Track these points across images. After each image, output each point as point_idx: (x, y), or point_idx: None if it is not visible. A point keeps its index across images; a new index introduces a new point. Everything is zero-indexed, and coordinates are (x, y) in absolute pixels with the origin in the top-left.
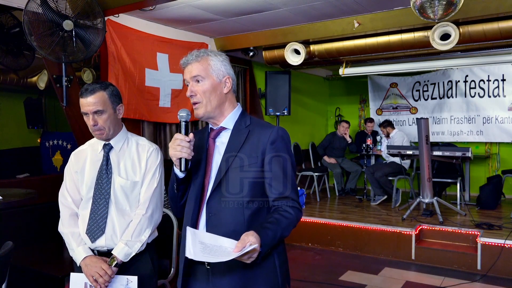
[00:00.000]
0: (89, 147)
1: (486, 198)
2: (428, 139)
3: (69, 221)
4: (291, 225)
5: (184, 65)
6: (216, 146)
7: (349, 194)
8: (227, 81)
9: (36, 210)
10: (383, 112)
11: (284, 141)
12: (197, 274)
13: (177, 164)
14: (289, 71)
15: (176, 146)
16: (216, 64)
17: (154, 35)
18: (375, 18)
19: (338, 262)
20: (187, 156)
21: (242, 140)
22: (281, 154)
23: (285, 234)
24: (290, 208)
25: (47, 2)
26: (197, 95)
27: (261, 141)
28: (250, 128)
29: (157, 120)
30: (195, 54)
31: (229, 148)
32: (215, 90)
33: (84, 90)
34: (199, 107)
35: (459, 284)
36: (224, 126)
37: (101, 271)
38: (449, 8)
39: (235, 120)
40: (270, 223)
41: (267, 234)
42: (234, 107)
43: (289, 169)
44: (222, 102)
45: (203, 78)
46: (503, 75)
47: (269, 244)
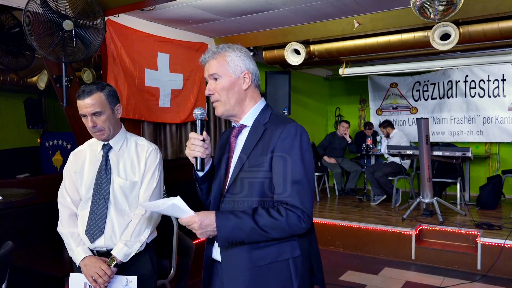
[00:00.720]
0: (88, 147)
1: (486, 198)
2: (428, 139)
3: (68, 222)
4: (276, 227)
5: (202, 62)
6: (236, 144)
7: (349, 194)
8: (246, 77)
9: (36, 210)
10: (383, 112)
11: (296, 139)
12: (219, 271)
13: (194, 163)
14: (289, 71)
15: (190, 145)
16: (233, 60)
17: (154, 35)
18: (375, 18)
19: (338, 262)
20: (200, 155)
21: (256, 138)
22: (289, 153)
23: (268, 234)
24: (283, 209)
25: (47, 2)
26: (215, 94)
27: (273, 138)
28: (267, 126)
29: (157, 120)
30: (212, 50)
31: (244, 147)
32: (233, 87)
33: (81, 92)
34: (218, 106)
35: (459, 284)
36: (244, 123)
37: (101, 272)
38: (449, 8)
39: (255, 116)
40: (242, 212)
41: (228, 218)
42: (255, 102)
43: (297, 171)
44: (242, 99)
45: (220, 76)
46: (503, 75)
47: (229, 230)
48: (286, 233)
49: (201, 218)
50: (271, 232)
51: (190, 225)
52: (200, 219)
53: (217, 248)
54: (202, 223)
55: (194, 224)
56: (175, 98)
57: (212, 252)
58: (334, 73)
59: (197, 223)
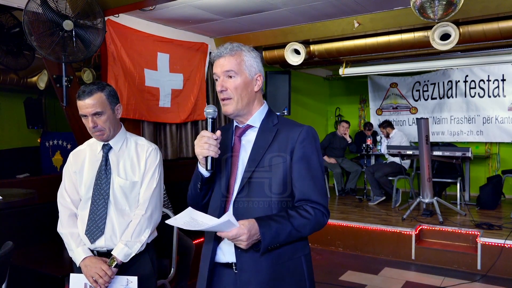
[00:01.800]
0: (87, 147)
1: (486, 198)
2: (428, 139)
3: (68, 222)
4: (308, 225)
5: (215, 58)
6: (242, 144)
7: (349, 194)
8: (259, 79)
9: (36, 210)
10: (383, 112)
11: (313, 141)
12: (223, 279)
13: (203, 162)
14: (289, 71)
15: (203, 144)
16: (249, 60)
17: (154, 35)
18: (375, 18)
19: (338, 262)
20: (214, 154)
21: (270, 138)
22: (310, 154)
23: (300, 233)
24: (310, 208)
25: (47, 2)
26: (227, 91)
27: (290, 139)
28: (278, 127)
29: (157, 120)
30: (229, 47)
31: (256, 146)
32: (246, 87)
33: (82, 92)
34: (229, 104)
35: (459, 284)
36: (251, 124)
37: (101, 272)
38: (449, 8)
39: (262, 118)
40: (279, 216)
41: (270, 225)
42: (261, 105)
43: (317, 171)
44: (252, 100)
45: (236, 74)
46: (503, 75)
47: (272, 236)
48: (314, 229)
49: (249, 229)
50: (303, 231)
51: (237, 238)
52: (248, 230)
53: (226, 250)
54: (251, 234)
55: (243, 236)
56: (175, 98)
57: (217, 255)
58: (334, 73)
59: (246, 234)
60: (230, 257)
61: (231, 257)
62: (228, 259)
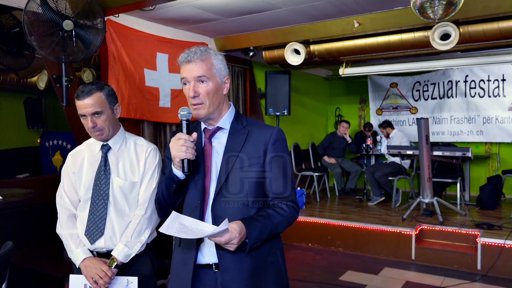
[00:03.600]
0: (86, 147)
1: (486, 198)
2: (428, 139)
3: (67, 223)
4: (284, 222)
5: (184, 62)
6: (213, 146)
7: (349, 194)
8: (227, 82)
9: (36, 210)
10: (383, 112)
11: (284, 141)
12: (204, 280)
13: (179, 165)
14: (289, 71)
15: (180, 147)
16: (218, 64)
17: (154, 35)
18: (375, 18)
19: (338, 262)
20: (191, 157)
21: (242, 140)
22: (282, 155)
23: (278, 230)
24: (285, 206)
25: (47, 2)
26: (200, 96)
27: (263, 141)
28: (249, 129)
29: (157, 120)
30: (199, 52)
31: (229, 148)
32: (217, 91)
33: (81, 92)
34: (201, 108)
35: (459, 284)
36: (221, 126)
37: (101, 273)
38: (449, 8)
39: (231, 120)
40: (261, 216)
41: (255, 226)
42: (228, 107)
43: (289, 170)
44: (221, 103)
45: (208, 79)
46: (503, 75)
47: (256, 236)
48: (289, 225)
49: (239, 232)
50: (280, 228)
51: (230, 242)
52: (239, 234)
53: (205, 251)
54: (240, 237)
55: (235, 240)
56: (175, 98)
57: (198, 257)
58: (334, 73)
59: (237, 238)
60: (209, 258)
61: (210, 258)
62: (208, 260)
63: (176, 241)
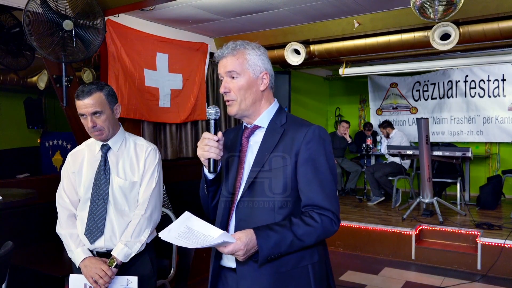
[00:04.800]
0: (86, 147)
1: (486, 198)
2: (428, 139)
3: (67, 223)
4: (313, 234)
5: (218, 58)
6: (249, 145)
7: (349, 194)
8: (264, 78)
9: (36, 210)
10: (383, 112)
11: (321, 142)
12: (228, 282)
13: (206, 164)
14: (289, 71)
15: (204, 146)
16: (253, 59)
17: (154, 35)
18: (375, 18)
19: (338, 262)
20: (215, 156)
21: (276, 139)
22: (316, 156)
23: (304, 243)
24: (316, 215)
25: (47, 2)
26: (231, 92)
27: (296, 141)
28: (285, 127)
29: (157, 120)
30: (231, 46)
31: (262, 148)
32: (250, 87)
33: (81, 92)
34: (233, 105)
35: (459, 284)
36: (259, 124)
37: (101, 272)
38: (449, 8)
39: (271, 117)
40: (280, 226)
41: (268, 236)
42: (270, 104)
43: (325, 174)
44: (258, 100)
45: (239, 74)
46: (503, 75)
47: (270, 248)
48: (321, 238)
49: (246, 243)
50: (307, 240)
51: (234, 253)
52: (245, 245)
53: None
54: (248, 248)
55: (239, 252)
56: (175, 98)
57: (222, 258)
58: (334, 73)
59: (242, 250)
60: (232, 262)
61: (232, 263)
62: (231, 264)
63: None
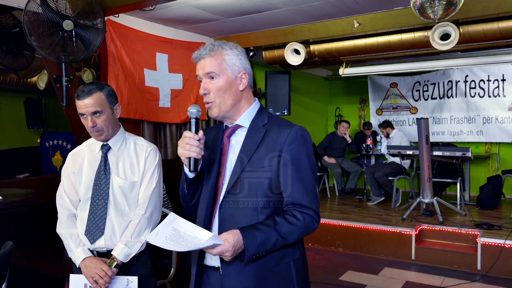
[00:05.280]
0: (86, 147)
1: (486, 198)
2: (428, 139)
3: (67, 222)
4: (295, 232)
5: (196, 59)
6: (231, 145)
7: (349, 194)
8: (243, 77)
9: (36, 210)
10: (383, 112)
11: (303, 142)
12: (211, 281)
13: (186, 163)
14: (289, 71)
15: (184, 145)
16: (231, 59)
17: (154, 35)
18: (375, 18)
19: (338, 262)
20: (196, 155)
21: (258, 139)
22: (299, 157)
23: (287, 241)
24: (299, 213)
25: (47, 2)
26: (210, 94)
27: (279, 141)
28: (267, 127)
29: (157, 120)
30: (209, 47)
31: (244, 148)
32: (230, 87)
33: (81, 92)
34: (213, 107)
35: (459, 284)
36: (240, 124)
37: (101, 272)
38: (449, 8)
39: (252, 117)
40: (265, 225)
41: (254, 236)
42: (251, 103)
43: (307, 173)
44: (238, 100)
45: (218, 75)
46: (503, 75)
47: (256, 248)
48: (303, 235)
49: (234, 245)
50: (290, 238)
51: (222, 254)
52: (233, 247)
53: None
54: (235, 249)
55: (227, 253)
56: (175, 98)
57: (206, 258)
58: (334, 73)
59: (230, 251)
60: (215, 261)
61: (216, 261)
62: (214, 263)
63: None
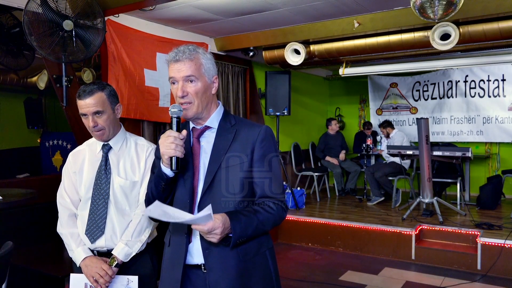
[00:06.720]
0: (87, 147)
1: (486, 198)
2: (428, 139)
3: (68, 222)
4: (270, 220)
5: (172, 61)
6: (201, 146)
7: (349, 194)
8: (215, 81)
9: (36, 210)
10: (383, 112)
11: (272, 140)
12: (192, 280)
13: (168, 163)
14: (289, 71)
15: (169, 144)
16: (207, 63)
17: (154, 35)
18: (375, 18)
19: (338, 262)
20: (180, 154)
21: (230, 139)
22: (270, 153)
23: (264, 228)
24: (272, 204)
25: (47, 2)
26: (188, 95)
27: (250, 140)
28: (236, 127)
29: (157, 120)
30: (187, 51)
31: (217, 147)
32: (206, 91)
33: (82, 92)
34: (190, 108)
35: (459, 284)
36: (209, 125)
37: (102, 272)
38: (449, 8)
39: (219, 119)
40: (246, 211)
41: (239, 219)
42: (217, 106)
43: (276, 168)
44: (210, 102)
45: (197, 79)
46: (503, 75)
47: (241, 230)
48: (276, 223)
49: (223, 222)
50: (267, 226)
51: (212, 231)
52: (223, 224)
53: (193, 252)
54: (225, 227)
55: (217, 230)
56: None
57: (187, 258)
58: (334, 73)
59: (220, 228)
60: (198, 258)
61: (199, 259)
62: (197, 261)
63: (166, 242)
